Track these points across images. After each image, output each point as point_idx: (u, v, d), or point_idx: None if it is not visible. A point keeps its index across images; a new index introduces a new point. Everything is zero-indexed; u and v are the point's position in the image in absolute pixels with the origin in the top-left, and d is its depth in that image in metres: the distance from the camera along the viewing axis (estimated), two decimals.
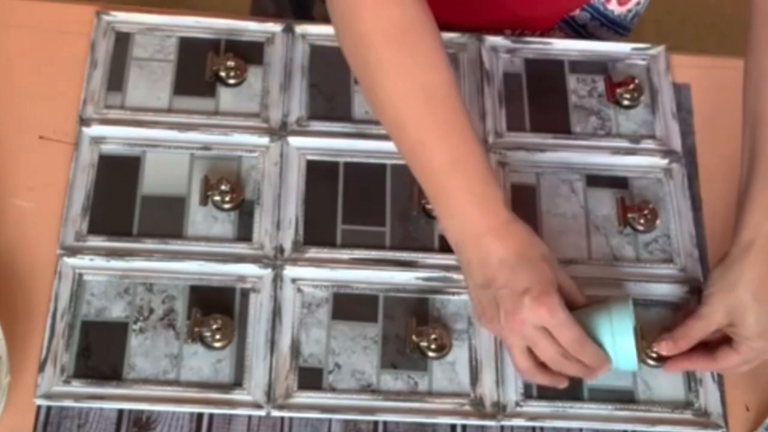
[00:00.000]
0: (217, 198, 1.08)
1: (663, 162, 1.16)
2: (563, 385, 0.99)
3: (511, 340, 0.96)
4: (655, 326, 1.06)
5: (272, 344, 1.02)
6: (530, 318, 0.93)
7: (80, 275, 1.04)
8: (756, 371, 1.06)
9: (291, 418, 1.00)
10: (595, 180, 1.15)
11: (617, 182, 1.15)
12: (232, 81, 1.16)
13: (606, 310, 0.99)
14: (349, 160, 1.13)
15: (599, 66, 1.22)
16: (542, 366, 0.97)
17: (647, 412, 1.03)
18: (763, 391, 1.06)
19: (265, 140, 1.13)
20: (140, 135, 1.12)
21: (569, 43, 1.23)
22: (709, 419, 1.03)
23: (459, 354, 1.04)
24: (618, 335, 0.97)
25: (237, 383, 1.01)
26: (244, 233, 1.08)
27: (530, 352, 0.96)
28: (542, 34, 1.27)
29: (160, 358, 1.01)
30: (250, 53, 1.18)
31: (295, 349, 1.03)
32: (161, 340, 1.02)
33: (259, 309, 1.04)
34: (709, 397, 1.04)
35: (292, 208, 1.09)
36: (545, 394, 1.02)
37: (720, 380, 1.05)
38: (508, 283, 0.93)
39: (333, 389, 1.01)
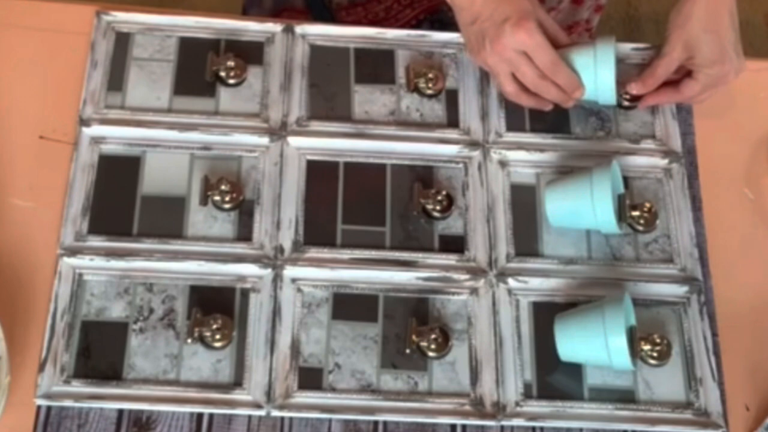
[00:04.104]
0: (217, 198, 1.08)
1: (663, 162, 1.16)
2: (548, 107, 1.14)
3: (497, 67, 1.11)
4: (655, 326, 1.06)
5: (272, 344, 1.02)
6: (511, 42, 1.07)
7: (80, 275, 1.04)
8: (756, 371, 1.06)
9: (291, 418, 1.00)
10: None
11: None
12: (232, 81, 1.16)
13: (599, 310, 1.00)
14: (349, 160, 1.13)
15: None
16: (526, 90, 1.12)
17: (647, 412, 1.03)
18: (763, 391, 1.06)
19: (265, 140, 1.13)
20: (140, 135, 1.12)
21: None
22: (709, 419, 1.03)
23: (459, 354, 1.04)
24: (610, 334, 0.98)
25: (237, 383, 1.01)
26: (244, 233, 1.08)
27: (515, 78, 1.11)
28: None
29: (160, 358, 1.01)
30: (250, 53, 1.18)
31: (295, 349, 1.03)
32: (161, 340, 1.02)
33: (259, 309, 1.04)
34: (709, 397, 1.04)
35: (292, 208, 1.09)
36: (545, 394, 1.03)
37: (720, 380, 1.05)
38: (491, 16, 1.08)
39: (333, 389, 1.01)
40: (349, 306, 1.05)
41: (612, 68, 1.11)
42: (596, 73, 1.11)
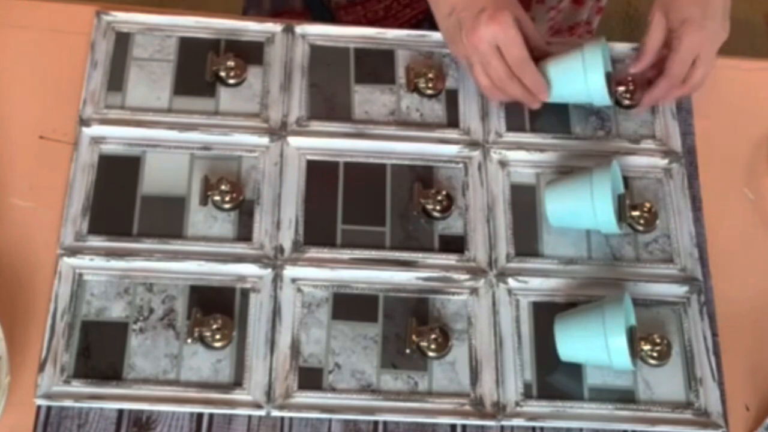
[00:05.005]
0: (217, 198, 1.08)
1: (663, 162, 1.16)
2: (516, 98, 1.13)
3: (473, 57, 1.10)
4: (655, 326, 1.06)
5: (272, 344, 1.02)
6: (486, 34, 1.07)
7: (80, 275, 1.04)
8: (756, 371, 1.06)
9: (291, 418, 1.00)
10: None
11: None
12: (232, 81, 1.16)
13: (599, 310, 1.00)
14: (349, 160, 1.13)
15: None
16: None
17: (647, 412, 1.03)
18: (763, 391, 1.06)
19: (265, 140, 1.13)
20: (140, 135, 1.12)
21: None
22: (709, 419, 1.03)
23: (459, 354, 1.04)
24: (610, 334, 0.98)
25: (237, 383, 1.01)
26: (244, 233, 1.08)
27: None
28: None
29: (160, 358, 1.01)
30: (250, 53, 1.18)
31: (295, 349, 1.03)
32: (161, 340, 1.02)
33: (259, 309, 1.04)
34: (709, 397, 1.04)
35: (292, 208, 1.09)
36: (545, 394, 1.03)
37: (720, 380, 1.05)
38: (467, 6, 1.09)
39: (333, 389, 1.01)
40: (349, 306, 1.05)
41: (600, 71, 1.11)
42: (586, 77, 1.11)
